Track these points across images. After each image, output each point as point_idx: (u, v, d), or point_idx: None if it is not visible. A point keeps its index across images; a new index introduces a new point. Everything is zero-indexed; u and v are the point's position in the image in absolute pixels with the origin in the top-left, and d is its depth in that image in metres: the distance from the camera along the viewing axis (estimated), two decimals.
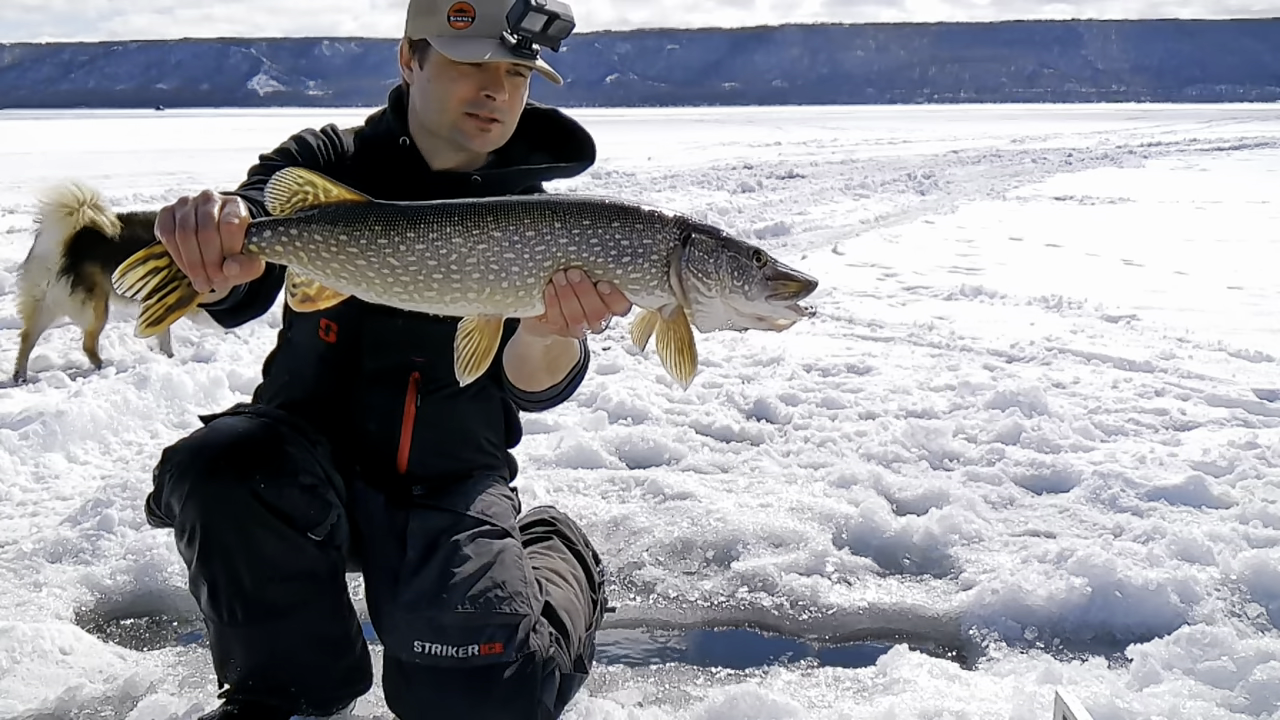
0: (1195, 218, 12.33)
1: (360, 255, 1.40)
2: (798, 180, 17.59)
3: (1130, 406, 4.51)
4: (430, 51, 1.91)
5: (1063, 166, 21.71)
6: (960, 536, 3.08)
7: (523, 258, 1.38)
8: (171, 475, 1.88)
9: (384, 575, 2.01)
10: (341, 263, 1.41)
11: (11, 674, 2.26)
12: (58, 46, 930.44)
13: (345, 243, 1.40)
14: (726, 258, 1.40)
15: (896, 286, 7.85)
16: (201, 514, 1.84)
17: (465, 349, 1.45)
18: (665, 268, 1.40)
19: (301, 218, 1.41)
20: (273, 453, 1.86)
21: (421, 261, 1.37)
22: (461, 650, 1.88)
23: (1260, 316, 6.59)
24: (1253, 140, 32.97)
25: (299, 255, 1.41)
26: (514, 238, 1.37)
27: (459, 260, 1.37)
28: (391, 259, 1.38)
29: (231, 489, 1.82)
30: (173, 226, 1.36)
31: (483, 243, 1.37)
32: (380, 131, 2.05)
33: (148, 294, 1.38)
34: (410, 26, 1.95)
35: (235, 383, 4.66)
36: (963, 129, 48.28)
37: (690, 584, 2.86)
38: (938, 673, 2.29)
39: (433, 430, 2.06)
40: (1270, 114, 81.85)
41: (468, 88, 1.91)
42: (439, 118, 1.95)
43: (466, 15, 1.86)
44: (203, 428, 1.96)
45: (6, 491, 3.47)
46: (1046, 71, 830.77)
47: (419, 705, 1.93)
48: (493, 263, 1.38)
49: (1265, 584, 2.68)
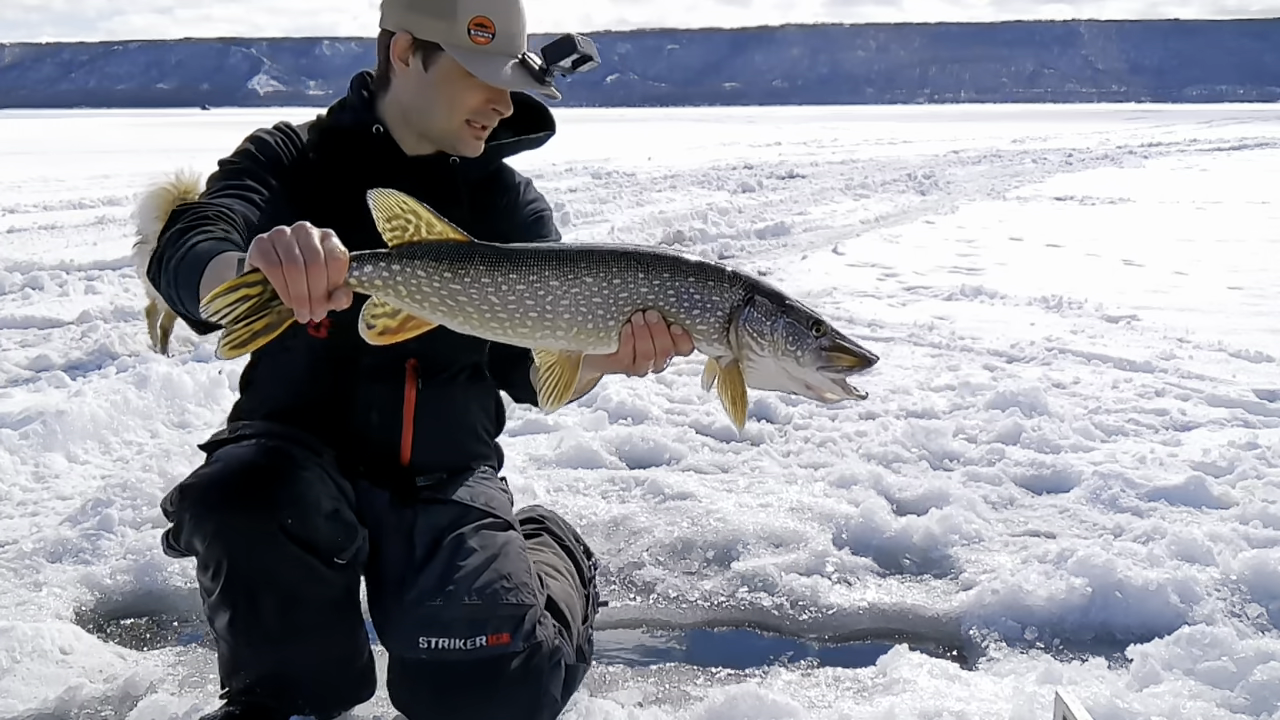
0: (1195, 218, 12.33)
1: (463, 292, 1.48)
2: (798, 180, 17.59)
3: (1130, 406, 4.51)
4: (440, 57, 1.88)
5: (1063, 166, 21.71)
6: (960, 536, 3.08)
7: (608, 301, 1.50)
8: (192, 515, 1.84)
9: (389, 574, 2.01)
10: (443, 298, 1.48)
11: (11, 674, 2.26)
12: (58, 46, 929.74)
13: (449, 279, 1.47)
14: (784, 322, 1.50)
15: (896, 286, 7.85)
16: (229, 554, 1.82)
17: (548, 381, 1.56)
18: (727, 323, 1.51)
19: (405, 253, 1.47)
20: (293, 483, 1.83)
21: (520, 301, 1.48)
22: (469, 642, 1.89)
23: (1260, 316, 6.59)
24: (1253, 140, 32.95)
25: (398, 289, 1.47)
26: (602, 283, 1.49)
27: (553, 301, 1.48)
28: (493, 297, 1.48)
29: (259, 529, 1.80)
30: (277, 259, 1.38)
31: (575, 286, 1.48)
32: (345, 120, 2.02)
33: (234, 319, 1.41)
34: (414, 23, 1.89)
35: (235, 383, 4.62)
36: (963, 129, 48.28)
37: (690, 584, 2.86)
38: (938, 673, 2.29)
39: (434, 419, 2.05)
40: (1270, 114, 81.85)
41: (477, 100, 1.92)
42: (438, 122, 1.94)
43: (487, 31, 1.86)
44: (214, 461, 1.90)
45: (6, 491, 3.47)
46: (1046, 71, 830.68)
47: (426, 702, 1.93)
48: (581, 305, 1.50)
49: (1265, 584, 2.68)
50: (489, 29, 1.85)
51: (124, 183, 15.93)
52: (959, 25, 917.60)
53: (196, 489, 1.85)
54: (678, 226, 10.73)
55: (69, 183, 17.23)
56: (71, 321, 6.34)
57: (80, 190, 15.65)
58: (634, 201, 13.47)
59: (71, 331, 6.10)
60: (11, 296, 7.27)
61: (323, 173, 1.96)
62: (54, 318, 6.43)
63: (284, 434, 1.94)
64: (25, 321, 6.36)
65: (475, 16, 1.85)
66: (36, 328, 6.24)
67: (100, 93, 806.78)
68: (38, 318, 6.43)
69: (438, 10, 1.86)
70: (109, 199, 13.93)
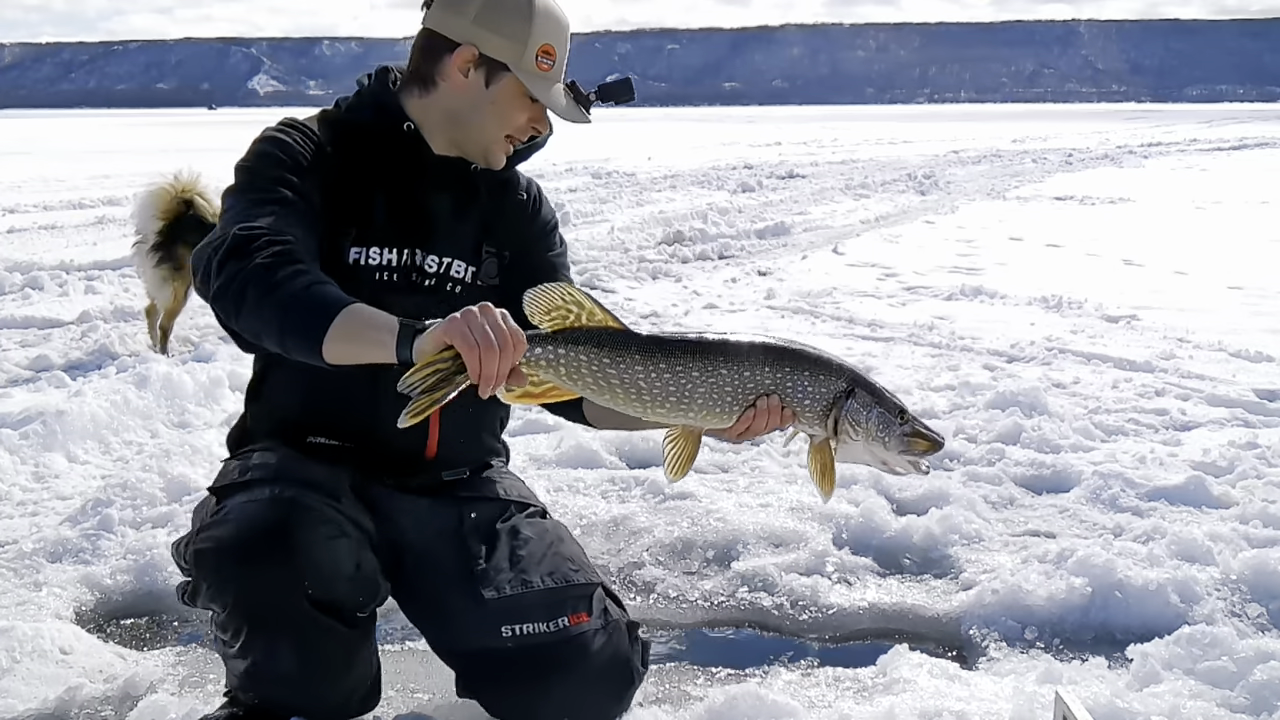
0: (1195, 218, 12.33)
1: (616, 376, 1.67)
2: (798, 180, 17.59)
3: (1130, 406, 4.51)
4: (505, 76, 1.94)
5: (1063, 166, 21.70)
6: (960, 536, 3.08)
7: (737, 389, 1.70)
8: (210, 584, 1.81)
9: (449, 576, 2.00)
10: (596, 378, 1.67)
11: (11, 674, 2.26)
12: (58, 46, 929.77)
13: (606, 365, 1.67)
14: (877, 412, 1.71)
15: (896, 286, 7.85)
16: (250, 622, 1.81)
17: (673, 453, 1.75)
18: (828, 409, 1.71)
19: (570, 338, 1.66)
20: (313, 547, 1.79)
21: (665, 386, 1.67)
22: (551, 624, 1.93)
23: (1260, 316, 6.59)
24: (1253, 140, 32.94)
25: (558, 369, 1.66)
26: (735, 374, 1.69)
27: (692, 388, 1.68)
28: (641, 382, 1.67)
29: (281, 601, 1.77)
30: (475, 343, 1.52)
31: (713, 377, 1.68)
32: (367, 116, 2.01)
33: (424, 391, 1.56)
34: (483, 40, 1.92)
35: (235, 382, 4.66)
36: (963, 129, 48.28)
37: (690, 584, 2.86)
38: (938, 673, 2.29)
39: (459, 414, 2.01)
40: (1270, 114, 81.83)
41: (524, 118, 1.99)
42: (484, 133, 1.99)
43: (550, 59, 1.95)
44: (226, 517, 1.82)
45: (6, 491, 3.47)
46: (1046, 71, 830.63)
47: (519, 689, 1.95)
48: (715, 391, 1.69)
49: (1265, 584, 2.68)
50: (552, 57, 1.95)
51: (124, 183, 15.92)
52: (959, 25, 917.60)
53: (212, 555, 1.80)
54: (678, 226, 10.72)
55: (69, 183, 17.24)
56: (71, 321, 6.34)
57: (80, 190, 15.65)
58: (634, 201, 13.48)
59: (71, 331, 6.10)
60: (11, 296, 7.27)
61: (345, 167, 1.95)
62: (54, 318, 6.43)
63: (299, 478, 1.86)
64: (25, 321, 6.36)
65: (544, 44, 1.94)
66: (36, 328, 6.24)
67: (100, 93, 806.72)
68: (38, 318, 6.43)
69: (512, 34, 1.92)
70: (109, 199, 13.93)
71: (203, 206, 5.60)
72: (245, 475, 1.90)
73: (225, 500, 1.87)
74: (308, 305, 1.63)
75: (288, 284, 1.64)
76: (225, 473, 1.97)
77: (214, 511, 1.86)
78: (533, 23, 1.92)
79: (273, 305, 1.64)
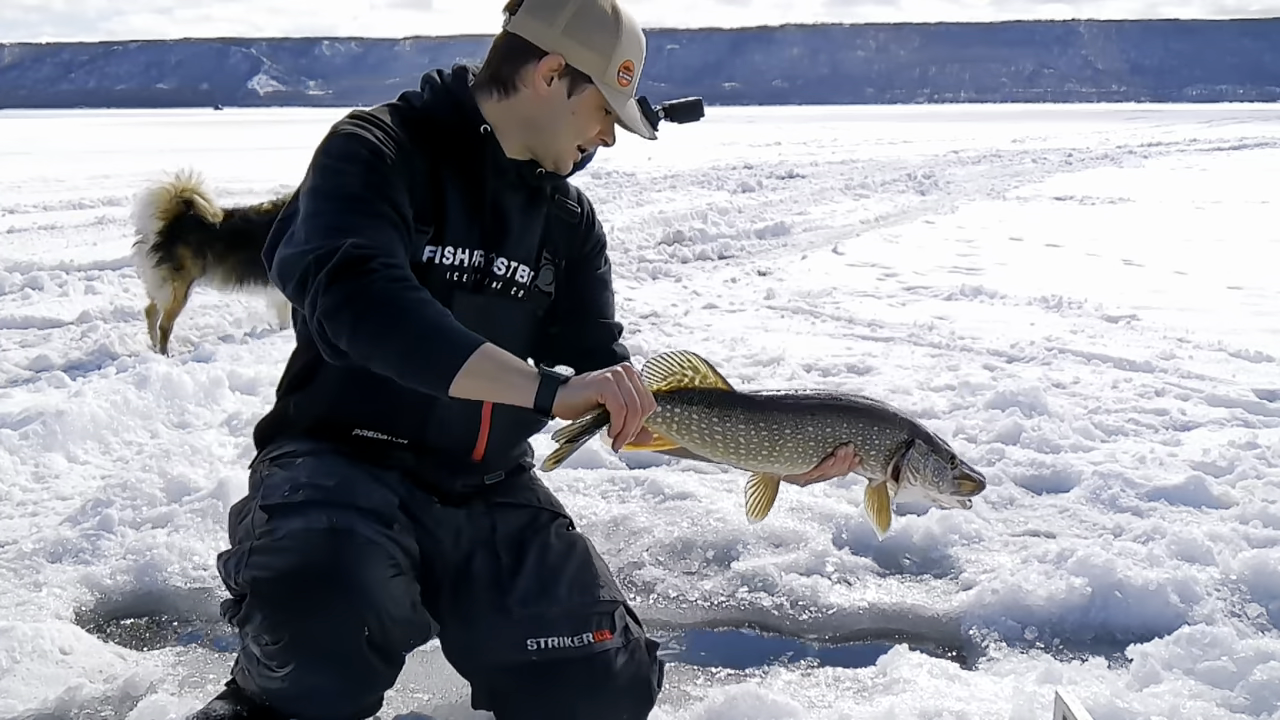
0: (1195, 218, 12.33)
1: (721, 432, 1.84)
2: (798, 180, 17.59)
3: (1130, 406, 4.51)
4: (587, 88, 1.96)
5: (1063, 166, 21.71)
6: (960, 536, 3.08)
7: (820, 443, 1.86)
8: (266, 614, 1.77)
9: (481, 588, 1.99)
10: (703, 433, 1.84)
11: (11, 674, 2.26)
12: (58, 46, 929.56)
13: (715, 422, 1.83)
14: (933, 460, 1.87)
15: (896, 286, 7.85)
16: (302, 658, 1.78)
17: (754, 497, 1.91)
18: (890, 456, 1.88)
19: (683, 398, 1.83)
20: (372, 588, 1.76)
21: (760, 441, 1.84)
22: (576, 639, 1.93)
23: (1260, 316, 6.59)
24: (1253, 140, 32.95)
25: (670, 425, 1.83)
26: (819, 432, 1.85)
27: (783, 443, 1.85)
28: (742, 438, 1.84)
29: (341, 641, 1.75)
30: (623, 404, 1.67)
31: (800, 434, 1.85)
32: (444, 115, 2.00)
33: (569, 439, 1.75)
34: (571, 51, 1.94)
35: (235, 383, 4.66)
36: (963, 129, 48.28)
37: (690, 584, 2.86)
38: (938, 673, 2.29)
39: (507, 417, 2.05)
40: (1270, 114, 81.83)
41: (595, 130, 2.03)
42: (559, 141, 2.02)
43: (630, 74, 1.99)
44: (282, 544, 1.76)
45: (6, 491, 3.47)
46: (1046, 71, 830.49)
47: (545, 705, 1.94)
48: (800, 446, 1.86)
49: (1265, 584, 2.68)
50: (631, 73, 2.00)
51: (124, 183, 15.92)
52: (959, 25, 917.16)
53: (271, 587, 1.75)
54: (677, 226, 10.72)
55: (69, 183, 17.24)
56: (71, 321, 6.35)
57: (80, 190, 15.66)
58: (634, 201, 13.47)
59: (71, 331, 6.10)
60: (11, 296, 7.27)
61: (423, 165, 1.95)
62: (54, 318, 6.43)
63: (351, 502, 1.82)
64: (25, 321, 6.36)
65: (626, 60, 1.98)
66: (36, 328, 6.24)
67: (100, 93, 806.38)
68: (38, 318, 6.43)
69: (600, 48, 1.95)
70: (109, 199, 13.94)
71: (203, 206, 5.64)
72: (297, 494, 1.84)
73: (278, 521, 1.80)
74: (441, 340, 1.68)
75: (416, 314, 1.68)
76: (271, 485, 1.90)
77: (265, 532, 1.81)
78: (619, 39, 1.96)
79: (401, 335, 1.67)
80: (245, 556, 1.81)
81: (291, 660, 1.78)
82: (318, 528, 1.77)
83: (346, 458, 1.94)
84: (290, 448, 2.00)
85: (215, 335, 6.22)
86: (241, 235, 5.86)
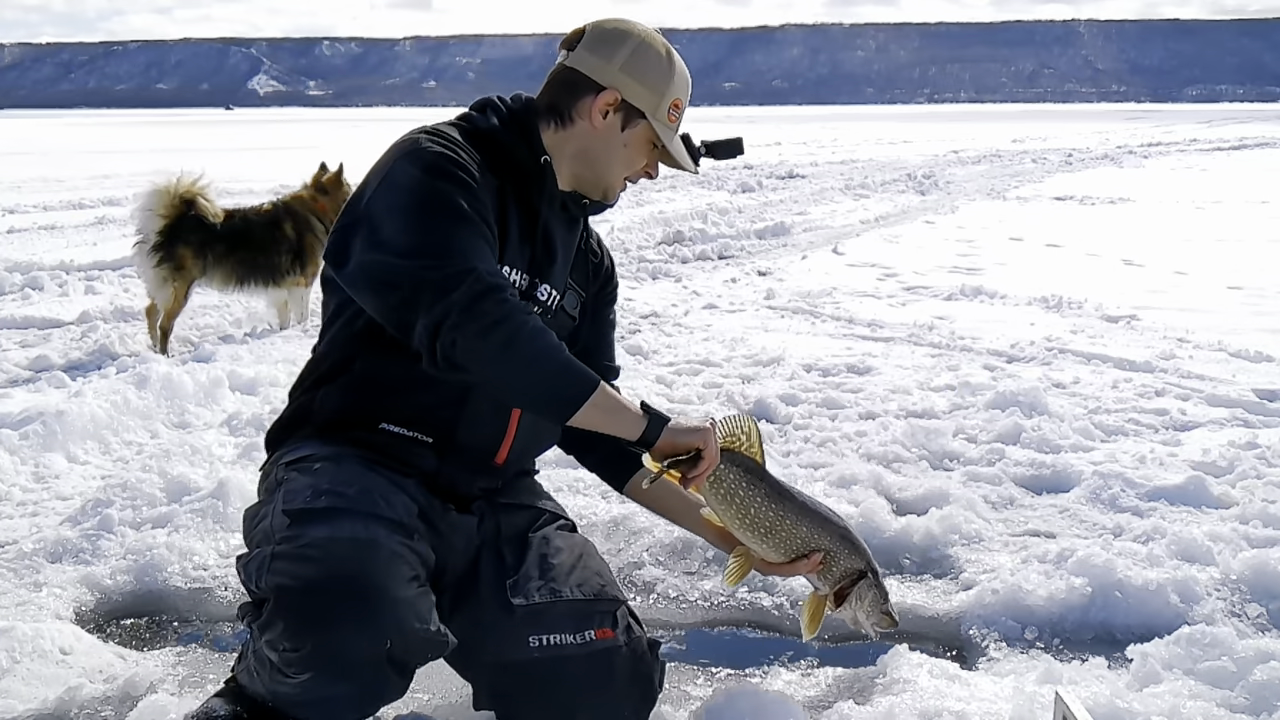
0: (1195, 218, 12.33)
1: (742, 497, 2.01)
2: (798, 180, 17.59)
3: (1130, 406, 4.51)
4: (640, 124, 2.07)
5: (1063, 166, 21.70)
6: (960, 536, 3.08)
7: (806, 544, 2.05)
8: (288, 622, 1.75)
9: (486, 588, 2.01)
10: (729, 491, 2.01)
11: (11, 674, 2.26)
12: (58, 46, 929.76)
13: (742, 487, 2.01)
14: (873, 595, 2.06)
15: (896, 286, 7.85)
16: (322, 668, 1.76)
17: (733, 568, 2.10)
18: (842, 579, 2.07)
19: (731, 459, 2.01)
20: (402, 600, 1.76)
21: (766, 519, 2.02)
22: (578, 636, 1.95)
23: (1260, 316, 6.59)
24: (1253, 140, 32.94)
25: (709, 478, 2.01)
26: (809, 533, 2.04)
27: (780, 529, 2.03)
28: (752, 509, 2.02)
29: (364, 656, 1.74)
30: (714, 453, 1.94)
31: (796, 529, 2.03)
32: (510, 141, 2.06)
33: (670, 465, 1.95)
34: (627, 87, 2.03)
35: (235, 383, 4.66)
36: (963, 129, 48.28)
37: (690, 584, 2.86)
38: (938, 673, 2.29)
39: (532, 422, 2.11)
40: (1270, 114, 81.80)
41: (643, 163, 2.14)
42: (610, 173, 2.12)
43: (678, 112, 2.11)
44: (308, 552, 1.76)
45: (6, 491, 3.47)
46: (1046, 71, 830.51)
47: (547, 703, 1.95)
48: (790, 538, 2.04)
49: (1265, 584, 2.68)
50: (680, 110, 2.11)
51: (124, 183, 15.93)
52: (959, 25, 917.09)
53: (293, 595, 1.74)
54: (677, 226, 10.73)
55: (69, 183, 17.24)
56: (71, 321, 6.35)
57: (80, 190, 15.66)
58: (634, 201, 13.46)
59: (71, 331, 6.10)
60: (11, 296, 7.28)
61: (491, 183, 2.00)
62: (54, 318, 6.43)
63: (374, 511, 1.82)
64: (25, 321, 6.37)
65: (676, 99, 2.09)
66: (36, 328, 6.24)
67: (100, 93, 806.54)
68: (38, 318, 6.43)
69: (654, 86, 2.05)
70: (109, 199, 13.94)
71: (204, 207, 5.65)
72: (319, 499, 1.84)
73: (301, 528, 1.80)
74: (574, 375, 1.85)
75: (548, 348, 1.83)
76: (292, 490, 1.89)
77: (288, 537, 1.80)
78: (672, 78, 2.07)
79: (539, 367, 1.83)
80: (268, 561, 1.80)
81: (310, 669, 1.77)
82: (342, 537, 1.77)
83: (365, 463, 1.94)
84: (307, 451, 1.99)
85: (215, 335, 6.22)
86: (242, 236, 5.87)
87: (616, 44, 2.04)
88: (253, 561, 1.84)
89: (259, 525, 1.92)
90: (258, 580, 1.82)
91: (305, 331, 6.17)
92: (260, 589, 1.81)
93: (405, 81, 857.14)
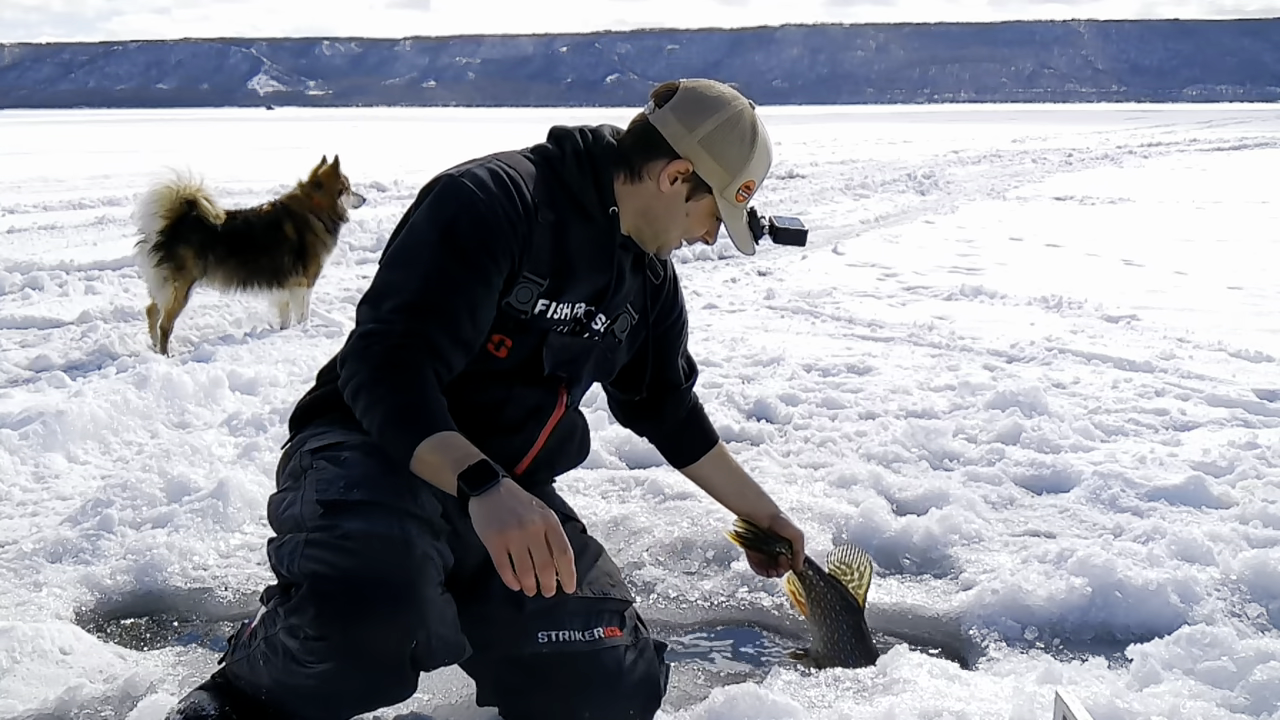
0: (1195, 218, 12.33)
1: (832, 620, 2.38)
2: (798, 180, 17.59)
3: (1130, 406, 4.51)
4: (706, 197, 2.07)
5: (1063, 166, 21.71)
6: (960, 536, 3.08)
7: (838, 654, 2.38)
8: (320, 610, 1.74)
9: (497, 583, 1.95)
10: (824, 613, 2.37)
11: (11, 674, 2.26)
12: (58, 46, 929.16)
13: (830, 599, 2.39)
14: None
15: (896, 286, 7.85)
16: (344, 660, 1.76)
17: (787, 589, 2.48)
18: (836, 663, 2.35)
19: (831, 586, 2.40)
20: (432, 601, 1.77)
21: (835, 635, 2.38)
22: (587, 634, 1.97)
23: (1260, 316, 6.59)
24: (1253, 140, 32.95)
25: (808, 585, 2.44)
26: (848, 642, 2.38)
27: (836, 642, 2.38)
28: (828, 625, 2.39)
29: (389, 653, 1.75)
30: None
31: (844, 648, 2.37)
32: (576, 182, 2.07)
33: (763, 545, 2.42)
34: (700, 160, 2.03)
35: (235, 383, 4.66)
36: (963, 129, 48.27)
37: (690, 584, 2.86)
38: (938, 673, 2.29)
39: (559, 437, 2.15)
40: (1270, 114, 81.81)
41: (703, 231, 2.15)
42: (667, 234, 2.13)
43: (749, 193, 2.11)
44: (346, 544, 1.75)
45: (6, 491, 3.47)
46: (1046, 71, 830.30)
47: (554, 699, 1.95)
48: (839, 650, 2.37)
49: (1265, 584, 2.68)
50: (751, 191, 2.11)
51: (124, 183, 15.93)
52: (959, 25, 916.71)
53: (329, 584, 1.73)
54: None
55: (69, 183, 17.24)
56: (71, 321, 6.35)
57: (80, 190, 15.66)
58: None
59: (71, 331, 6.10)
60: (11, 296, 7.27)
61: (552, 225, 2.02)
62: (54, 318, 6.43)
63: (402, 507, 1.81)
64: (25, 321, 6.37)
65: (749, 180, 2.09)
66: (36, 328, 6.24)
67: (100, 93, 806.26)
68: (38, 318, 6.43)
69: (729, 165, 2.05)
70: (109, 199, 13.94)
71: (205, 207, 5.66)
72: (353, 492, 1.82)
73: (336, 519, 1.77)
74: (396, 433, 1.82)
75: (387, 405, 1.82)
76: (324, 479, 1.86)
77: (322, 526, 1.78)
78: (749, 160, 2.06)
79: (370, 420, 1.85)
80: (301, 547, 1.78)
81: (331, 659, 1.76)
82: (378, 533, 1.75)
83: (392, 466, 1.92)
84: (334, 439, 1.95)
85: (215, 335, 6.22)
86: (243, 237, 5.87)
87: (703, 115, 2.02)
88: (285, 546, 1.83)
89: (288, 511, 1.89)
90: (289, 565, 1.79)
91: (305, 331, 6.17)
92: (292, 574, 1.79)
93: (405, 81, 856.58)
